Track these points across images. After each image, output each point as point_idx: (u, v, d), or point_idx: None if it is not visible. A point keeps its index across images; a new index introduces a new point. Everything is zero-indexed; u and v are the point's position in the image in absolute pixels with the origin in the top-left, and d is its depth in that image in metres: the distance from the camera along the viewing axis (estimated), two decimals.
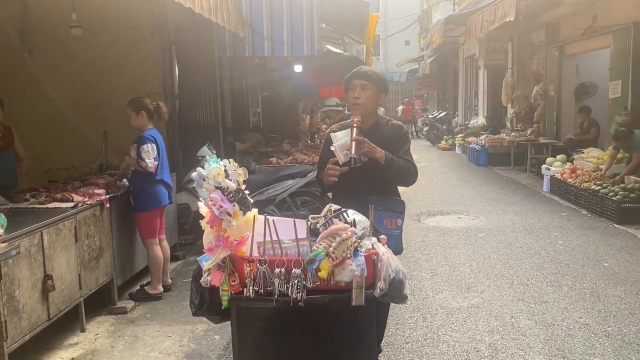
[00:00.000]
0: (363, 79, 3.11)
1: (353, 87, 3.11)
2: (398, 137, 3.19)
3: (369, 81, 3.11)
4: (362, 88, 3.10)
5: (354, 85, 3.11)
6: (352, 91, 3.11)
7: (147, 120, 4.90)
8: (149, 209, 4.90)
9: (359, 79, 3.11)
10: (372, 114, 3.21)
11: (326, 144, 3.18)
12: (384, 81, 3.21)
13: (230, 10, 5.79)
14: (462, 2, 18.68)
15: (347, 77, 3.18)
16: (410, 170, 3.12)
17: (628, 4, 8.73)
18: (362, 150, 2.89)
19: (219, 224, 2.07)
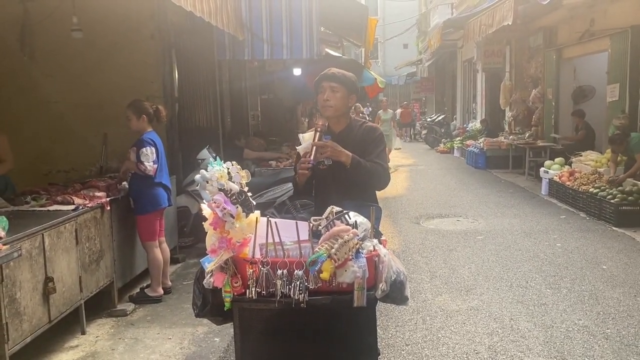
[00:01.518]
0: (332, 81, 3.02)
1: (322, 89, 3.03)
2: (371, 140, 3.10)
3: (338, 83, 3.03)
4: (332, 90, 3.01)
5: (323, 87, 3.03)
6: (322, 94, 3.03)
7: (147, 123, 4.92)
8: (148, 212, 4.91)
9: (328, 81, 3.03)
10: (343, 116, 3.12)
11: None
12: (354, 83, 3.13)
13: (230, 14, 5.81)
14: (460, 5, 18.76)
15: (316, 79, 3.10)
16: (380, 173, 3.02)
17: (625, 8, 8.78)
18: (324, 154, 2.87)
19: (222, 225, 2.09)
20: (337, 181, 3.00)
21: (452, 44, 18.82)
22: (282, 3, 6.61)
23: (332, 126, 3.10)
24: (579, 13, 10.14)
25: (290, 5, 6.59)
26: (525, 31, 13.27)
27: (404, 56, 33.00)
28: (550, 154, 11.28)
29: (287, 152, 8.73)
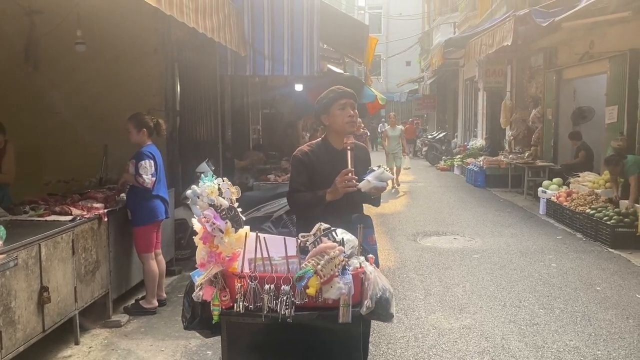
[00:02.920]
0: (353, 98, 3.08)
1: (344, 106, 3.03)
2: (368, 158, 3.24)
3: (355, 101, 3.10)
4: (352, 107, 3.06)
5: (344, 104, 3.03)
6: (344, 110, 3.02)
7: (147, 137, 4.98)
8: (145, 224, 4.96)
9: (349, 98, 3.06)
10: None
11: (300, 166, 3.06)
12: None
13: (232, 30, 5.90)
14: (462, 25, 18.95)
15: (331, 95, 3.06)
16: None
17: (624, 31, 8.89)
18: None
19: (211, 240, 2.14)
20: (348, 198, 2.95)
21: (454, 62, 18.97)
22: (284, 20, 6.72)
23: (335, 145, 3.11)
24: (579, 35, 10.25)
25: (292, 23, 6.70)
26: (526, 51, 13.41)
27: (406, 73, 33.24)
28: (548, 174, 11.33)
29: (286, 166, 8.79)
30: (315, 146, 3.13)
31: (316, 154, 3.07)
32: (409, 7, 33.11)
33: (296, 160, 3.08)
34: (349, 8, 32.59)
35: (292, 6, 6.66)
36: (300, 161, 3.06)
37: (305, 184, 3.02)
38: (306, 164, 3.04)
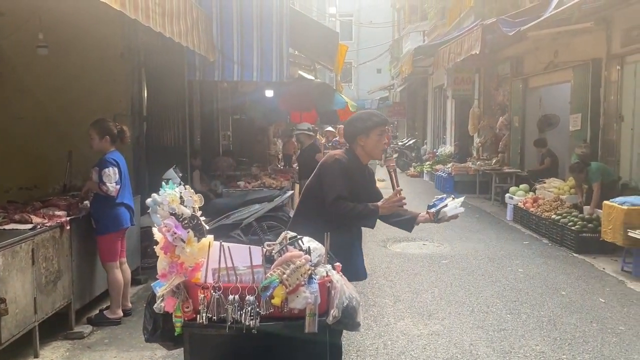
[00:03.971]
0: (388, 125, 3.32)
1: (382, 132, 3.24)
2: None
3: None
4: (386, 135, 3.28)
5: (383, 131, 3.24)
6: (381, 137, 3.23)
7: (110, 144, 4.86)
8: (109, 232, 4.84)
9: (387, 125, 3.29)
10: None
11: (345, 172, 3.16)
12: None
13: (200, 35, 5.84)
14: (431, 33, 19.21)
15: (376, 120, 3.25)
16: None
17: (587, 42, 9.12)
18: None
19: (172, 250, 2.08)
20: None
21: (424, 70, 19.20)
22: (253, 26, 6.69)
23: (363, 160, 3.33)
24: (544, 45, 10.49)
25: (261, 28, 6.67)
26: (494, 60, 13.66)
27: (377, 81, 33.50)
28: (515, 180, 11.53)
29: (256, 172, 8.73)
30: (347, 156, 3.23)
31: (351, 164, 3.20)
32: (379, 15, 33.40)
33: (341, 165, 3.15)
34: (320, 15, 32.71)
35: (262, 12, 6.64)
36: (346, 169, 3.15)
37: (349, 193, 3.10)
38: (349, 172, 3.15)
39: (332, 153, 3.27)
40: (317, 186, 3.20)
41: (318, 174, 3.24)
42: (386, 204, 3.10)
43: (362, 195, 3.17)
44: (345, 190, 3.08)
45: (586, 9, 7.97)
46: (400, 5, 26.38)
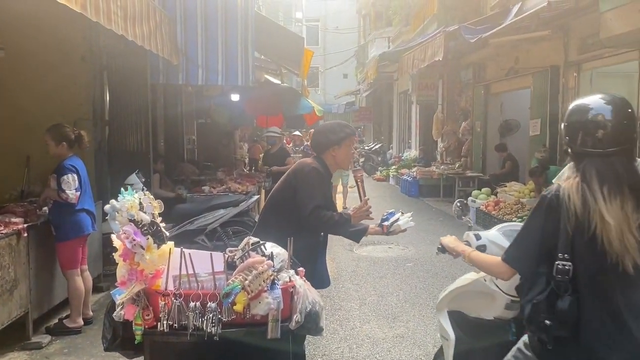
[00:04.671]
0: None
1: (352, 143, 3.36)
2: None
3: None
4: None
5: (353, 141, 3.37)
6: (350, 148, 3.35)
7: (67, 149, 4.75)
8: (70, 239, 4.72)
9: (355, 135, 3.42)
10: None
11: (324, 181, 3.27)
12: None
13: (164, 38, 5.78)
14: (396, 39, 19.45)
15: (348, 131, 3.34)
16: None
17: (545, 49, 9.40)
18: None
19: (131, 257, 2.05)
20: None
21: (389, 76, 19.42)
22: (218, 29, 6.65)
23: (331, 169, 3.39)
24: (505, 51, 10.75)
25: (226, 32, 6.64)
26: (457, 66, 13.92)
27: (344, 86, 33.68)
28: (478, 184, 11.76)
29: (222, 177, 8.67)
30: (321, 165, 3.28)
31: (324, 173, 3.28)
32: (345, 21, 33.62)
33: (320, 175, 3.21)
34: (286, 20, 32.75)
35: (226, 15, 6.61)
36: (323, 178, 3.24)
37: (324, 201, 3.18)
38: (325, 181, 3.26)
39: (307, 162, 3.27)
40: (290, 194, 3.18)
41: (293, 182, 3.20)
42: (357, 214, 3.21)
43: (329, 204, 3.25)
44: (321, 199, 3.12)
45: (544, 17, 8.21)
46: (365, 11, 26.63)
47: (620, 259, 1.82)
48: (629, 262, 1.82)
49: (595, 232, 1.83)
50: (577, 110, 2.00)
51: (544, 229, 1.93)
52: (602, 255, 1.83)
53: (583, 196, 1.86)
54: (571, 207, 1.86)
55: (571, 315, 1.85)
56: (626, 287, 1.85)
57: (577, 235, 1.87)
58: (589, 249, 1.86)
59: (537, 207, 1.98)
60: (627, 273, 1.83)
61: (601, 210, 1.82)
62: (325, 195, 3.22)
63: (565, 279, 1.86)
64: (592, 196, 1.85)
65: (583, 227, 1.85)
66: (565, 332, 1.87)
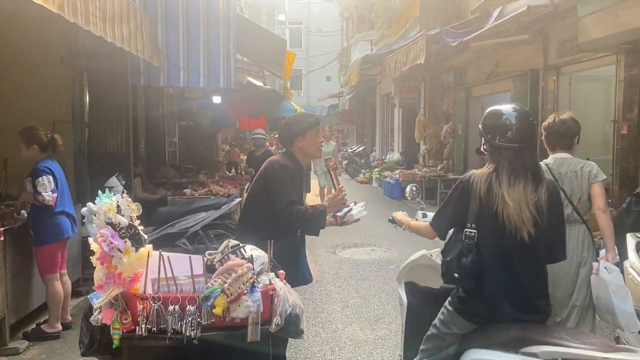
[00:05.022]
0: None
1: (318, 132, 3.30)
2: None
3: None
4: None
5: (318, 131, 3.32)
6: (317, 136, 3.31)
7: (39, 152, 4.68)
8: (49, 242, 4.65)
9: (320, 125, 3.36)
10: None
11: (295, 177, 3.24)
12: None
13: (145, 40, 5.73)
14: (379, 42, 19.53)
15: (311, 120, 3.32)
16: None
17: (525, 53, 9.51)
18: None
19: (109, 260, 2.03)
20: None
21: (372, 78, 19.48)
22: (199, 31, 6.62)
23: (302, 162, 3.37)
24: (486, 55, 10.86)
25: (207, 34, 6.61)
26: (438, 70, 14.02)
27: (327, 88, 33.75)
28: None
29: (203, 180, 8.61)
30: (290, 160, 3.27)
31: (294, 168, 3.24)
32: (328, 23, 33.70)
33: (289, 171, 3.18)
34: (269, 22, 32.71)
35: (208, 17, 6.58)
36: (293, 173, 3.19)
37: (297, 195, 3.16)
38: (295, 176, 3.21)
39: (275, 159, 3.28)
40: (263, 193, 3.18)
41: (264, 180, 3.22)
42: (332, 203, 3.20)
43: (300, 198, 3.25)
44: (294, 194, 3.11)
45: (524, 21, 8.32)
46: (348, 14, 26.71)
47: (518, 230, 2.33)
48: (525, 232, 2.33)
49: (497, 210, 2.35)
50: (491, 115, 2.59)
51: (457, 204, 2.51)
52: (502, 227, 2.35)
53: (489, 183, 2.39)
54: (477, 191, 2.40)
55: (472, 270, 2.35)
56: (522, 252, 2.36)
57: (482, 212, 2.39)
58: (492, 222, 2.37)
59: (454, 187, 2.57)
60: (523, 241, 2.34)
61: (503, 194, 2.35)
62: (298, 190, 3.20)
63: (470, 242, 2.39)
64: (498, 182, 2.38)
65: (487, 206, 2.38)
66: (470, 284, 2.39)
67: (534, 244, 2.36)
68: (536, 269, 2.43)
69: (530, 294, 2.38)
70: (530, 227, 2.34)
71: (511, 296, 2.37)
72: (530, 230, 2.34)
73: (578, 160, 3.67)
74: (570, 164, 3.64)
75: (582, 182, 3.57)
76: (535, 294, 2.39)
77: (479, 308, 2.42)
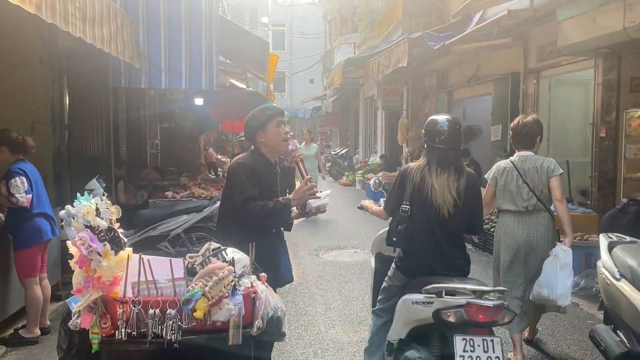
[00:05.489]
0: (284, 116, 3.31)
1: (279, 123, 3.21)
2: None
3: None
4: (285, 124, 3.27)
5: (280, 122, 3.22)
6: (279, 127, 3.20)
7: (10, 154, 4.61)
8: (29, 246, 4.57)
9: (283, 116, 3.29)
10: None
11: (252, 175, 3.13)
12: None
13: (125, 41, 5.67)
14: (362, 45, 19.60)
15: (269, 112, 3.23)
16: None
17: (506, 56, 9.62)
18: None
19: (88, 264, 2.00)
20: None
21: (355, 81, 19.54)
22: (181, 32, 6.58)
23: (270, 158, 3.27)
24: (467, 59, 10.95)
25: (190, 35, 6.57)
26: (421, 73, 14.10)
27: (310, 90, 33.78)
28: None
29: (185, 182, 8.55)
30: (252, 157, 3.21)
31: (258, 165, 3.16)
32: (311, 26, 33.78)
33: (247, 168, 3.11)
34: (252, 25, 32.66)
35: (190, 19, 6.55)
36: (252, 170, 3.10)
37: (259, 193, 3.05)
38: (256, 173, 3.10)
39: (235, 158, 3.26)
40: (228, 194, 3.19)
41: (227, 183, 3.25)
42: (297, 195, 3.10)
43: (273, 195, 3.15)
44: (253, 191, 3.03)
45: (505, 25, 8.41)
46: (331, 17, 26.76)
47: (441, 209, 3.19)
48: (446, 211, 3.19)
49: (427, 193, 3.21)
50: (430, 123, 3.44)
51: (398, 189, 3.37)
52: (430, 205, 3.22)
53: (423, 173, 3.24)
54: (412, 179, 3.27)
55: (405, 234, 3.23)
56: (443, 224, 3.23)
57: (415, 194, 3.26)
58: (423, 201, 3.24)
59: (396, 176, 3.44)
60: (444, 216, 3.20)
61: (432, 182, 3.21)
62: (263, 186, 3.10)
63: (405, 215, 3.27)
64: (429, 172, 3.23)
65: (420, 189, 3.24)
66: (404, 245, 3.29)
67: (452, 219, 3.22)
68: (454, 238, 3.31)
69: (448, 255, 3.25)
70: (450, 207, 3.19)
71: (434, 257, 3.25)
72: (450, 209, 3.19)
73: (538, 157, 4.29)
74: (532, 160, 4.24)
75: (542, 176, 4.17)
76: (452, 255, 3.27)
77: (411, 265, 3.31)
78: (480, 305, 2.83)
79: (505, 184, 4.29)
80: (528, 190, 4.15)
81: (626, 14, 5.43)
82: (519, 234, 4.20)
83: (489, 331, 2.95)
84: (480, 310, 2.83)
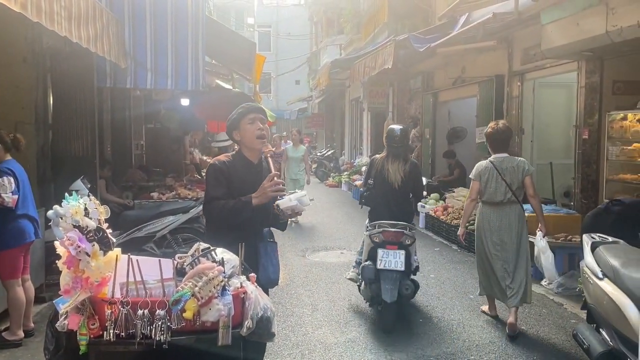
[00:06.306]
0: (261, 113, 3.20)
1: (253, 120, 3.12)
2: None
3: (264, 116, 3.22)
4: (262, 122, 3.17)
5: (254, 118, 3.13)
6: (253, 124, 3.12)
7: (3, 153, 4.56)
8: (11, 247, 4.52)
9: (257, 112, 3.18)
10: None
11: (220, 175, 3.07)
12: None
13: (111, 41, 5.62)
14: (348, 47, 19.65)
15: (240, 111, 3.16)
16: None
17: (491, 59, 9.71)
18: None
19: (76, 264, 1.98)
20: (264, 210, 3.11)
21: (341, 83, 19.57)
22: (168, 32, 6.53)
23: (251, 158, 3.20)
24: (452, 61, 11.04)
25: (176, 36, 6.53)
26: (406, 75, 14.18)
27: (296, 92, 33.79)
28: (427, 189, 11.99)
29: (171, 183, 8.50)
30: (231, 158, 3.18)
31: (234, 165, 3.12)
32: (297, 27, 33.77)
33: (215, 169, 3.08)
34: (238, 25, 32.57)
35: (176, 19, 6.51)
36: (220, 170, 3.06)
37: (225, 194, 3.01)
38: (225, 173, 3.06)
39: (216, 158, 3.25)
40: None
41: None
42: (259, 192, 2.97)
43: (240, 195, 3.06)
44: (219, 191, 3.00)
45: (490, 28, 8.49)
46: (317, 18, 26.80)
47: (392, 183, 5.32)
48: (396, 184, 5.32)
49: (385, 174, 5.37)
50: (390, 130, 5.50)
51: (368, 171, 5.74)
52: (386, 181, 5.36)
53: (383, 161, 5.44)
54: (376, 165, 5.49)
55: (369, 198, 5.61)
56: (394, 193, 5.36)
57: (377, 174, 5.46)
58: (382, 178, 5.40)
59: (368, 164, 5.65)
60: (394, 188, 5.33)
61: (388, 166, 5.38)
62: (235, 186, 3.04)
63: (370, 186, 5.58)
64: (387, 161, 5.41)
65: (381, 171, 5.41)
66: (369, 204, 5.63)
67: (400, 189, 5.35)
68: (402, 202, 5.45)
69: (395, 210, 5.32)
70: (399, 182, 5.31)
71: (388, 213, 5.30)
72: (399, 183, 5.32)
73: (513, 158, 5.14)
74: (508, 161, 5.08)
75: (517, 174, 5.02)
76: (397, 210, 5.34)
77: (373, 215, 5.46)
78: (389, 231, 5.12)
79: (487, 180, 5.11)
80: (506, 186, 5.01)
81: (608, 18, 5.51)
82: (495, 221, 5.11)
83: (398, 247, 5.10)
84: (390, 234, 5.11)
